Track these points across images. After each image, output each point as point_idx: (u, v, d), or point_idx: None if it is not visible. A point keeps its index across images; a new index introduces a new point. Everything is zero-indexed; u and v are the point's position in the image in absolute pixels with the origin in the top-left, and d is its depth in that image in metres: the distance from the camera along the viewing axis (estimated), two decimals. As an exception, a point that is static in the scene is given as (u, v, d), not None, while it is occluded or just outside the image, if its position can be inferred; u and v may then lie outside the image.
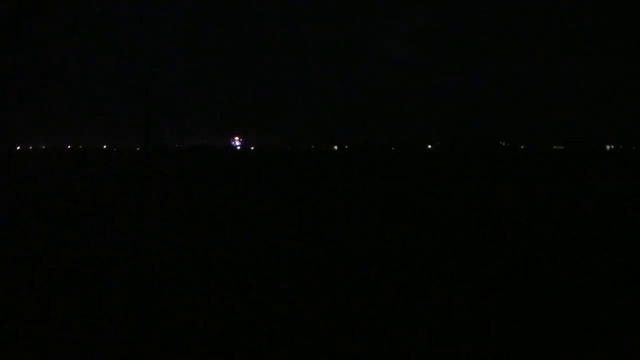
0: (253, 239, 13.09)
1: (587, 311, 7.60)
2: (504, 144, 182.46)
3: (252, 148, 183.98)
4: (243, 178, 38.06)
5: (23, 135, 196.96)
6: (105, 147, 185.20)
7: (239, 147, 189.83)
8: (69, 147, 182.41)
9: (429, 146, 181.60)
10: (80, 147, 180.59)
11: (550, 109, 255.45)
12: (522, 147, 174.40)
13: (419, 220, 16.21)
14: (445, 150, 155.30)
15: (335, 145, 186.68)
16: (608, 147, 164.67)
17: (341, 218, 16.69)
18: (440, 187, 29.05)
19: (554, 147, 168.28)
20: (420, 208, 19.50)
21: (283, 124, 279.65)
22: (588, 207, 19.77)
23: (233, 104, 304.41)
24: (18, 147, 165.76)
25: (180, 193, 25.59)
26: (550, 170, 48.27)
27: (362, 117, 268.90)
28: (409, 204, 21.08)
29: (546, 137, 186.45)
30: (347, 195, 24.23)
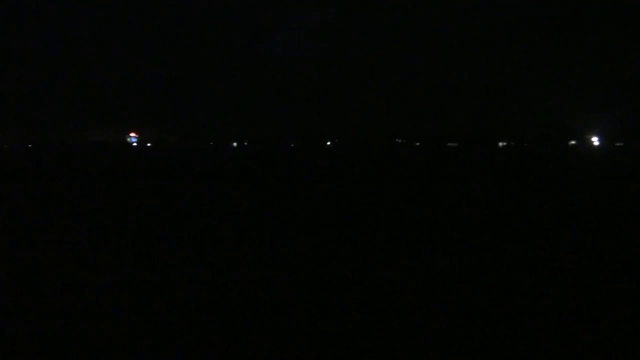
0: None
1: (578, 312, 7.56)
2: (400, 140, 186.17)
3: (149, 145, 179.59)
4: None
5: None
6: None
7: (135, 144, 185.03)
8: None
9: (328, 142, 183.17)
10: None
11: (454, 106, 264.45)
12: (417, 144, 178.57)
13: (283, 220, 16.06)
14: (349, 149, 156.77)
15: (235, 142, 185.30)
16: (500, 143, 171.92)
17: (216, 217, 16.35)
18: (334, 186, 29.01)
19: (449, 144, 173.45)
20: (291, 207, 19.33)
21: (181, 120, 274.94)
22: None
23: (130, 99, 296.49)
24: None
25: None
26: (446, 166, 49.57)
27: (264, 114, 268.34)
28: (284, 201, 20.89)
29: (446, 134, 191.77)
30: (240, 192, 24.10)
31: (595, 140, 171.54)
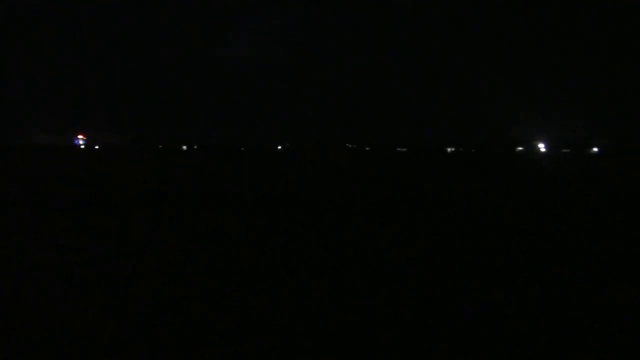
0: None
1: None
2: (350, 145, 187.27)
3: (97, 147, 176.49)
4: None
5: None
6: None
7: (82, 146, 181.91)
8: None
9: (279, 147, 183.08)
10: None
11: (404, 113, 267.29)
12: (367, 148, 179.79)
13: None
14: (300, 153, 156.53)
15: (184, 145, 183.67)
16: (449, 149, 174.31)
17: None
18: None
19: (398, 149, 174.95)
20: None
21: (129, 122, 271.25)
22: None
23: (77, 102, 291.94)
24: None
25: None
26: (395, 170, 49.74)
27: (217, 117, 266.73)
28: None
29: (393, 139, 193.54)
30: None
31: (542, 147, 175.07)
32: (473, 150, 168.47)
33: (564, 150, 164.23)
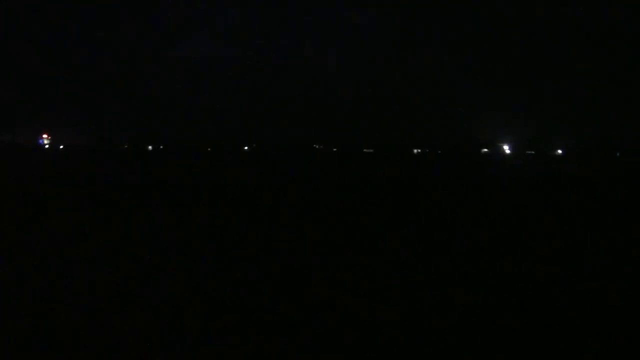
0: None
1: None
2: (317, 146, 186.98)
3: (62, 147, 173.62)
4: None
5: None
6: None
7: (47, 146, 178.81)
8: None
9: (245, 147, 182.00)
10: None
11: (370, 114, 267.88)
12: (334, 149, 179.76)
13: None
14: (268, 154, 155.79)
15: (150, 145, 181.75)
16: (415, 150, 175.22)
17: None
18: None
19: (365, 150, 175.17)
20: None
21: (93, 122, 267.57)
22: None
23: (44, 100, 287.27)
24: None
25: None
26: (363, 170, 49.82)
27: (180, 117, 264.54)
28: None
29: (358, 140, 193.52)
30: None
31: (507, 149, 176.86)
32: (439, 152, 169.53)
33: (528, 152, 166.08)
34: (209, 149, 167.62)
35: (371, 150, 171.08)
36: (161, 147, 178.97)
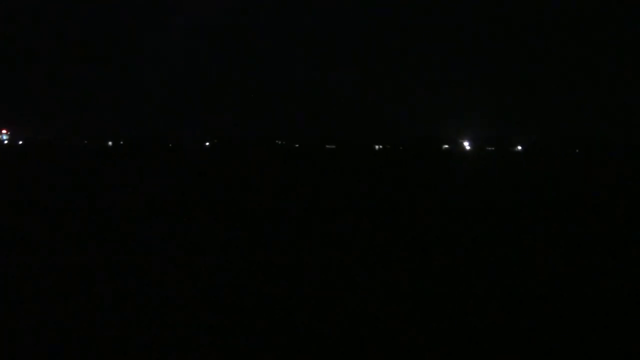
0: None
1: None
2: (280, 142, 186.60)
3: (21, 142, 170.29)
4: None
5: None
6: None
7: (6, 141, 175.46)
8: None
9: (207, 143, 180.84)
10: None
11: (332, 110, 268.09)
12: (296, 145, 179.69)
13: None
14: (229, 150, 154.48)
15: (110, 141, 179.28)
16: (377, 146, 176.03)
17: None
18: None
19: (327, 146, 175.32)
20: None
21: (55, 117, 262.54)
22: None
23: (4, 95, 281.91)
24: None
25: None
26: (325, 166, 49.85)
27: (140, 114, 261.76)
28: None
29: (322, 136, 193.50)
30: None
31: (467, 145, 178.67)
32: (401, 148, 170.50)
33: (489, 149, 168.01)
34: (170, 145, 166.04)
35: (333, 147, 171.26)
36: (121, 142, 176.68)
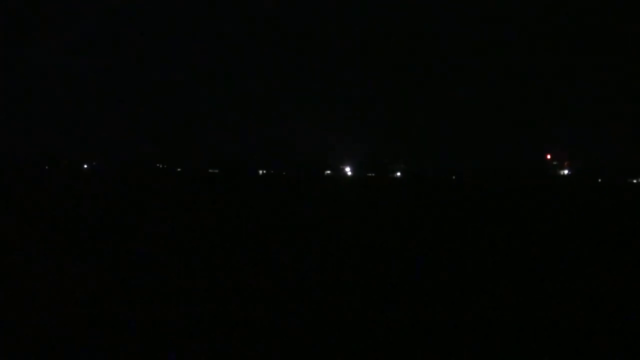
0: None
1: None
2: (161, 166, 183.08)
3: None
4: None
5: None
6: None
7: None
8: None
9: (85, 166, 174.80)
10: None
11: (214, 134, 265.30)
12: (178, 169, 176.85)
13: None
14: (111, 173, 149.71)
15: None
16: (260, 171, 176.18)
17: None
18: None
19: (210, 170, 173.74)
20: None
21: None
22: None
23: None
24: None
25: None
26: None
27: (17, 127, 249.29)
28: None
29: (201, 161, 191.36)
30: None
31: (348, 170, 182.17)
32: (284, 173, 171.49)
33: (369, 174, 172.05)
34: (46, 167, 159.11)
35: (216, 171, 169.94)
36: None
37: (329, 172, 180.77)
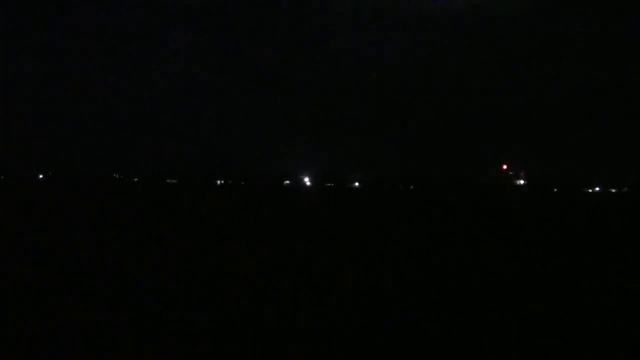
0: None
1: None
2: (117, 176, 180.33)
3: None
4: None
5: None
6: None
7: None
8: None
9: (41, 176, 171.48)
10: None
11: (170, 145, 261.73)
12: (135, 179, 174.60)
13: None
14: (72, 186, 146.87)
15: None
16: (218, 181, 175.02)
17: None
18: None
19: (168, 180, 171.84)
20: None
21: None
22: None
23: None
24: None
25: None
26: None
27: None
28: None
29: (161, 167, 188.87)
30: None
31: (307, 180, 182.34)
32: (242, 183, 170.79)
33: (328, 184, 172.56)
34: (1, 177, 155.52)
35: (174, 181, 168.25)
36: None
37: (287, 182, 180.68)
